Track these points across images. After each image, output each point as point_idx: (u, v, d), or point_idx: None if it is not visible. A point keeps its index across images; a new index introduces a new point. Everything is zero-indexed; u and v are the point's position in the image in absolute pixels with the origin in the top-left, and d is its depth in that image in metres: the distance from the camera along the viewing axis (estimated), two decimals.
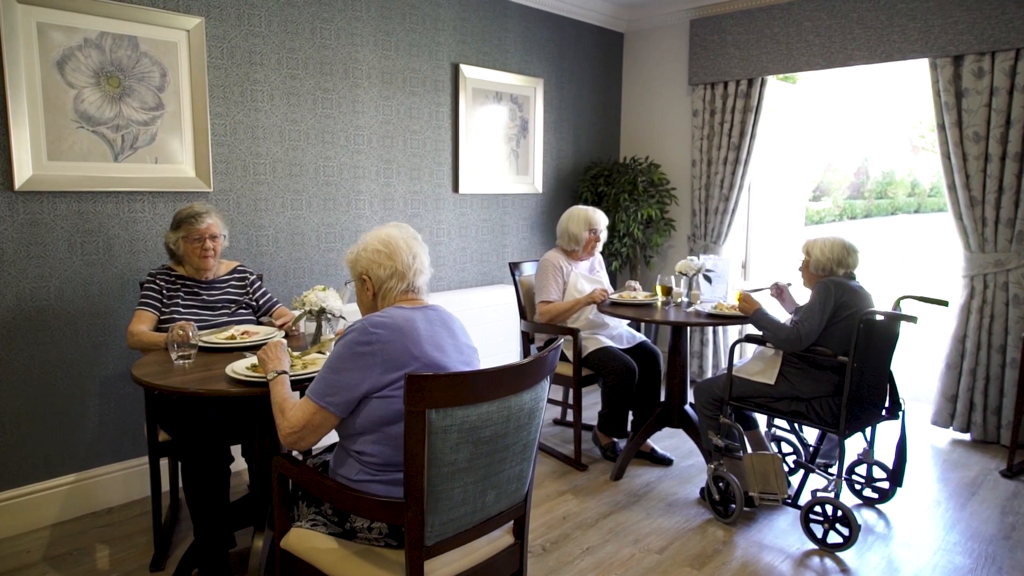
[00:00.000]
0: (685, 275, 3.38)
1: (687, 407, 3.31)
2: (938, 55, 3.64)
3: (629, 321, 3.51)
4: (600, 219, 3.50)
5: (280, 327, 2.56)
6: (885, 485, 2.96)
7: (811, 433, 3.10)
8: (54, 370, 2.73)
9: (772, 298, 3.15)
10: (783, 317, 2.83)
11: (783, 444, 3.22)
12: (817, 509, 2.63)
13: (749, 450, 2.87)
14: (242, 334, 2.42)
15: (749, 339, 2.82)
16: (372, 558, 1.60)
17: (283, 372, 1.83)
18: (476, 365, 1.78)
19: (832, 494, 2.58)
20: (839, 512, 2.56)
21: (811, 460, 2.90)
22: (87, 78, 2.69)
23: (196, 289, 2.59)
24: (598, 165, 4.94)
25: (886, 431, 3.32)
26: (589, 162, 5.01)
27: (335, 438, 1.77)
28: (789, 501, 2.80)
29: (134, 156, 2.83)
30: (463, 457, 1.48)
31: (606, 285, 3.62)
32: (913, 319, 2.51)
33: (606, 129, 5.16)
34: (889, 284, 10.66)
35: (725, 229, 4.64)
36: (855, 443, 3.06)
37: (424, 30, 3.84)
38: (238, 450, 2.91)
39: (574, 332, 3.27)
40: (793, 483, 2.98)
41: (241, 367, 1.97)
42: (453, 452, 1.46)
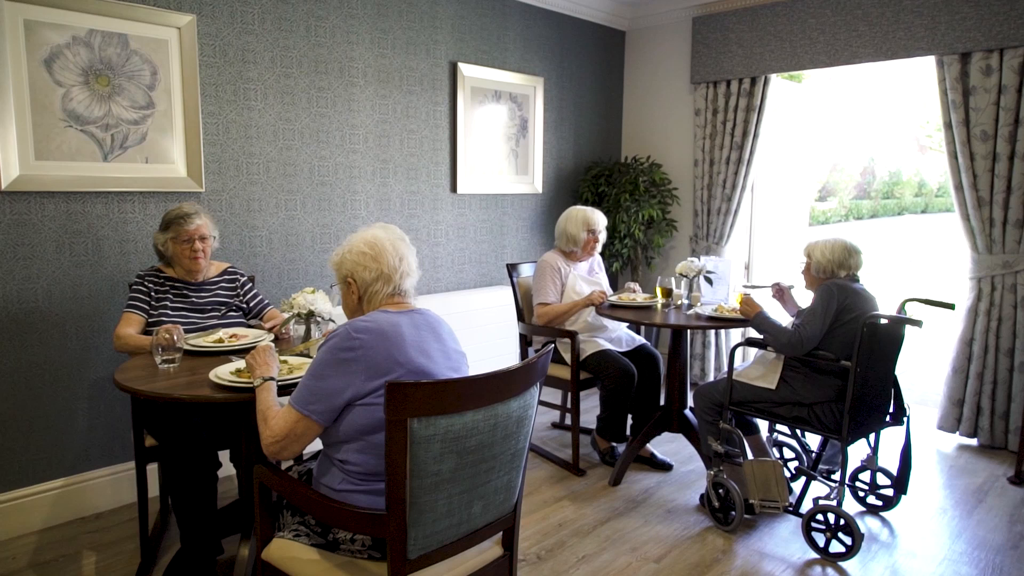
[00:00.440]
0: (685, 277, 3.32)
1: (687, 411, 3.25)
2: (945, 52, 3.57)
3: (628, 324, 3.44)
4: (599, 219, 3.44)
5: (270, 330, 2.51)
6: (889, 492, 2.89)
7: (813, 439, 3.04)
8: (42, 373, 2.69)
9: (773, 299, 3.09)
10: (785, 320, 2.77)
11: (785, 449, 3.16)
12: (819, 517, 2.56)
13: (750, 456, 2.81)
14: (230, 337, 2.37)
15: (750, 343, 2.76)
16: (354, 571, 1.55)
17: (270, 378, 1.78)
18: (464, 371, 1.73)
19: (835, 502, 2.52)
20: (842, 520, 2.50)
21: (813, 467, 2.84)
22: (76, 76, 2.64)
23: (185, 291, 2.55)
24: (599, 165, 4.88)
25: (891, 436, 3.25)
26: (590, 162, 4.95)
27: (320, 445, 1.72)
28: (790, 509, 2.74)
29: (124, 156, 2.79)
30: (447, 467, 1.43)
31: (605, 287, 3.56)
32: (918, 323, 2.45)
33: (607, 128, 5.10)
34: (895, 286, 10.57)
35: (728, 230, 4.58)
36: (859, 449, 2.99)
37: (421, 28, 3.79)
38: (227, 455, 2.86)
39: (572, 335, 3.21)
40: (795, 490, 2.92)
41: (225, 372, 1.92)
42: (436, 462, 1.41)
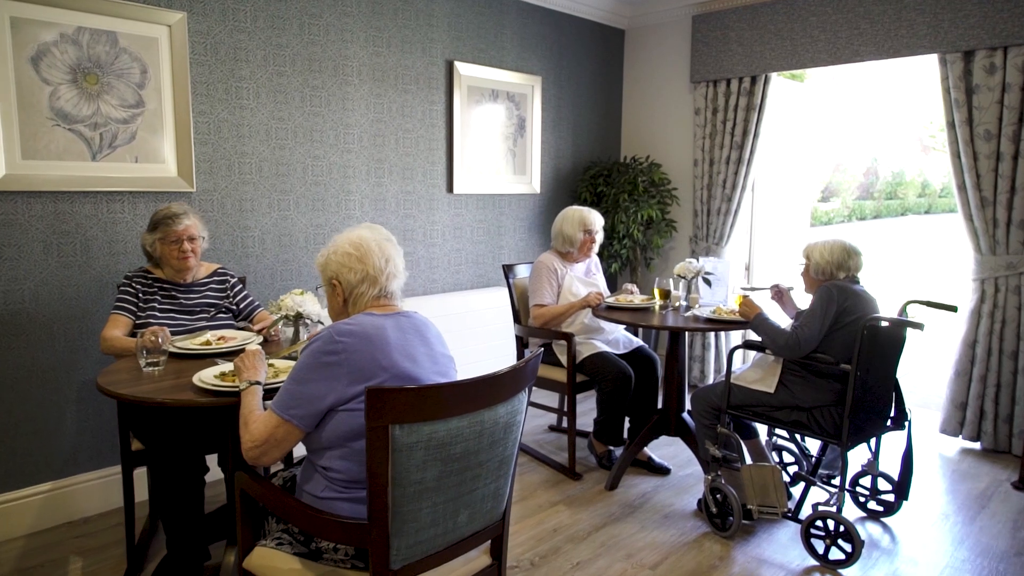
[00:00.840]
0: (683, 278, 3.27)
1: (685, 415, 3.20)
2: (948, 50, 3.52)
3: (625, 326, 3.40)
4: (595, 219, 3.40)
5: (258, 332, 2.47)
6: (890, 498, 2.84)
7: (813, 443, 2.99)
8: (29, 375, 2.65)
9: (772, 301, 3.04)
10: (784, 322, 2.72)
11: (784, 454, 3.11)
12: (818, 523, 2.51)
13: (748, 460, 2.76)
14: (218, 339, 2.33)
15: (747, 345, 2.71)
16: None
17: (256, 383, 1.74)
18: (452, 376, 1.69)
19: (834, 508, 2.47)
20: (841, 527, 2.45)
21: (813, 472, 2.79)
22: (63, 75, 2.60)
23: (174, 292, 2.51)
24: (597, 165, 4.83)
25: (892, 441, 3.19)
26: (588, 161, 4.90)
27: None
28: (789, 515, 2.69)
29: (113, 155, 2.75)
30: (431, 476, 1.38)
31: (602, 288, 3.52)
32: (919, 325, 2.39)
33: (606, 128, 5.05)
34: (898, 287, 10.50)
35: (728, 230, 4.52)
36: (859, 454, 2.94)
37: (417, 26, 3.74)
38: (215, 460, 2.82)
39: (569, 337, 3.16)
40: (794, 495, 2.87)
41: (209, 375, 1.88)
42: (420, 470, 1.36)
